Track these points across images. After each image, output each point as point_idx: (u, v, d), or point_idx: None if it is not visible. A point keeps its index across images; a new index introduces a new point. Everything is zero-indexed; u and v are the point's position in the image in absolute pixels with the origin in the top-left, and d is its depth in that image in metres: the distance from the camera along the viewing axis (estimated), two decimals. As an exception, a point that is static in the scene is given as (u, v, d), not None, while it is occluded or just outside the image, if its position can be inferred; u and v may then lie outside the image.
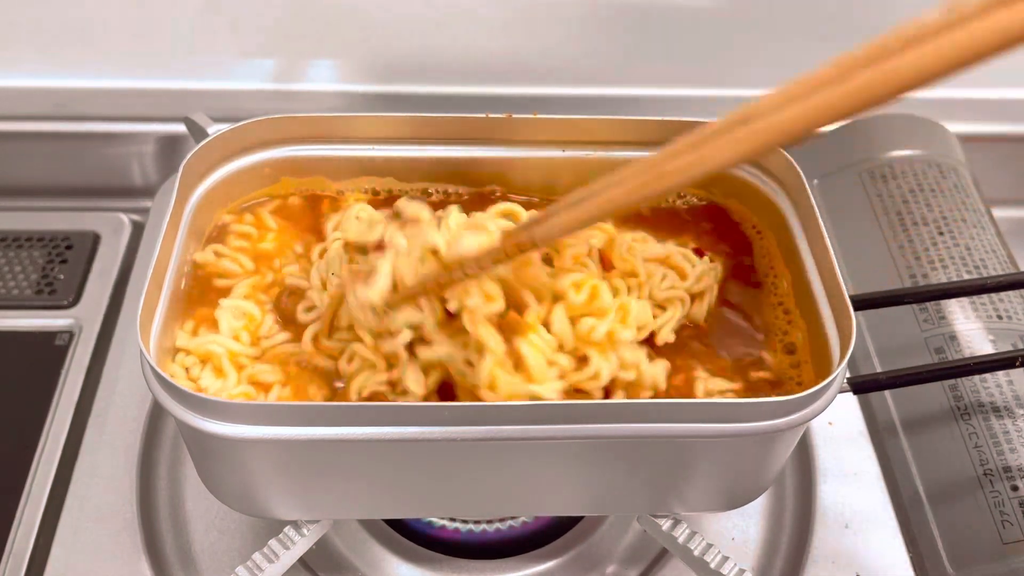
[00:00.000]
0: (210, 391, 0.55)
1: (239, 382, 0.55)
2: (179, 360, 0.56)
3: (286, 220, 0.65)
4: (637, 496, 0.58)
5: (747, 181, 0.66)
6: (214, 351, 0.56)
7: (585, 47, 0.93)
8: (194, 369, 0.56)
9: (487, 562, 0.67)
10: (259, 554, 0.58)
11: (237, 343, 0.57)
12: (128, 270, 0.84)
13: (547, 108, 0.68)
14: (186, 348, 0.56)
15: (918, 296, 0.70)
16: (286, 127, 0.65)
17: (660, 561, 0.67)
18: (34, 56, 0.92)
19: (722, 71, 0.95)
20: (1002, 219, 0.87)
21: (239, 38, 0.91)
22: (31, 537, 0.66)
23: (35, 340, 0.79)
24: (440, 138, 0.66)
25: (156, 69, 0.93)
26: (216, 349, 0.56)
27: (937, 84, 0.36)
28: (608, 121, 0.65)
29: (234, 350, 0.56)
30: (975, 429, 0.69)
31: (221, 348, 0.56)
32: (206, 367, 0.56)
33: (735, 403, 0.51)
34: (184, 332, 0.57)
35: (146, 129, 0.94)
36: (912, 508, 0.69)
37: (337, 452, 0.52)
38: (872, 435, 0.74)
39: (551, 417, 0.50)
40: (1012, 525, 0.64)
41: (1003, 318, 0.75)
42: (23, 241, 0.86)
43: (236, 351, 0.56)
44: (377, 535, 0.68)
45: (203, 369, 0.56)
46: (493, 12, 0.89)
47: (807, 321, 0.59)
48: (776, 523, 0.70)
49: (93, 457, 0.70)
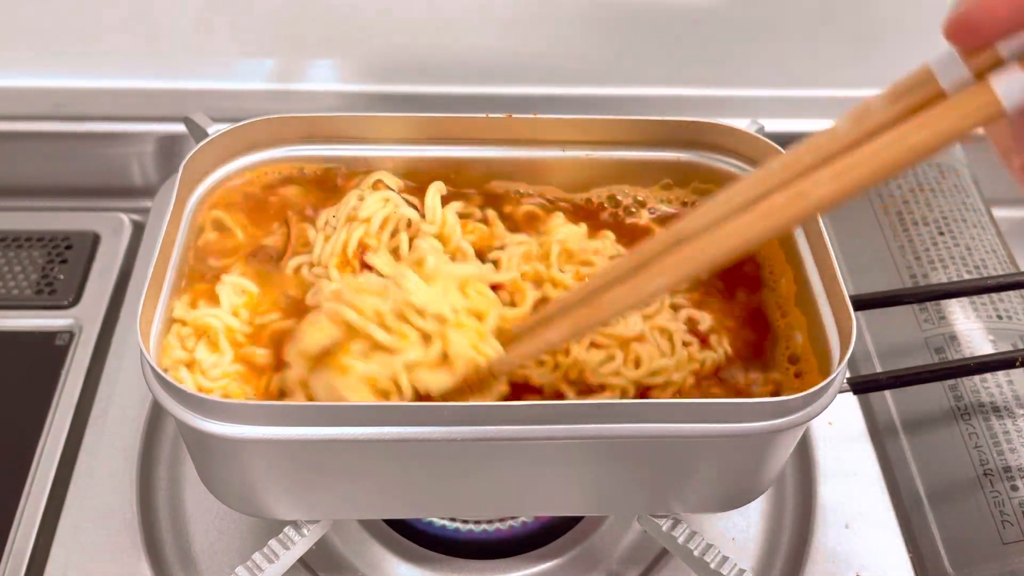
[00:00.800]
0: (204, 364, 0.55)
1: (234, 360, 0.55)
2: (175, 331, 0.56)
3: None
4: (637, 496, 0.58)
5: (747, 181, 0.66)
6: (212, 324, 0.56)
7: (585, 47, 0.93)
8: (189, 341, 0.56)
9: (487, 562, 0.67)
10: (259, 554, 0.58)
11: (235, 319, 0.57)
12: (128, 270, 0.84)
13: (547, 108, 0.68)
14: (182, 319, 0.56)
15: (918, 296, 0.70)
16: (286, 127, 0.65)
17: (660, 561, 0.67)
18: (34, 56, 0.92)
19: (722, 71, 0.95)
20: (1002, 219, 0.87)
21: (239, 38, 0.91)
22: (31, 537, 0.66)
23: (35, 340, 0.79)
24: (440, 138, 0.66)
25: (156, 69, 0.93)
26: (214, 323, 0.56)
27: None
28: (608, 121, 0.65)
29: (232, 326, 0.56)
30: (975, 429, 0.69)
31: (219, 323, 0.56)
32: (201, 340, 0.56)
33: (735, 403, 0.51)
34: (182, 304, 0.57)
35: (146, 129, 0.94)
36: (912, 508, 0.69)
37: (337, 452, 0.52)
38: (872, 435, 0.74)
39: (551, 417, 0.50)
40: (1012, 525, 0.64)
41: (1003, 318, 0.75)
42: (23, 241, 0.86)
43: (234, 327, 0.56)
44: (377, 535, 0.68)
45: (198, 342, 0.56)
46: (493, 12, 0.89)
47: (807, 321, 0.59)
48: (776, 523, 0.70)
49: (93, 457, 0.70)
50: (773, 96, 0.96)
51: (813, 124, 0.98)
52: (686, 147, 0.67)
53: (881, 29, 0.91)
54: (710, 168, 0.67)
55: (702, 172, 0.67)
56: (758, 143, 0.64)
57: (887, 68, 0.88)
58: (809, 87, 0.96)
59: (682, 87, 0.96)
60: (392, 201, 0.62)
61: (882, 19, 0.91)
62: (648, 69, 0.95)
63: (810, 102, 0.96)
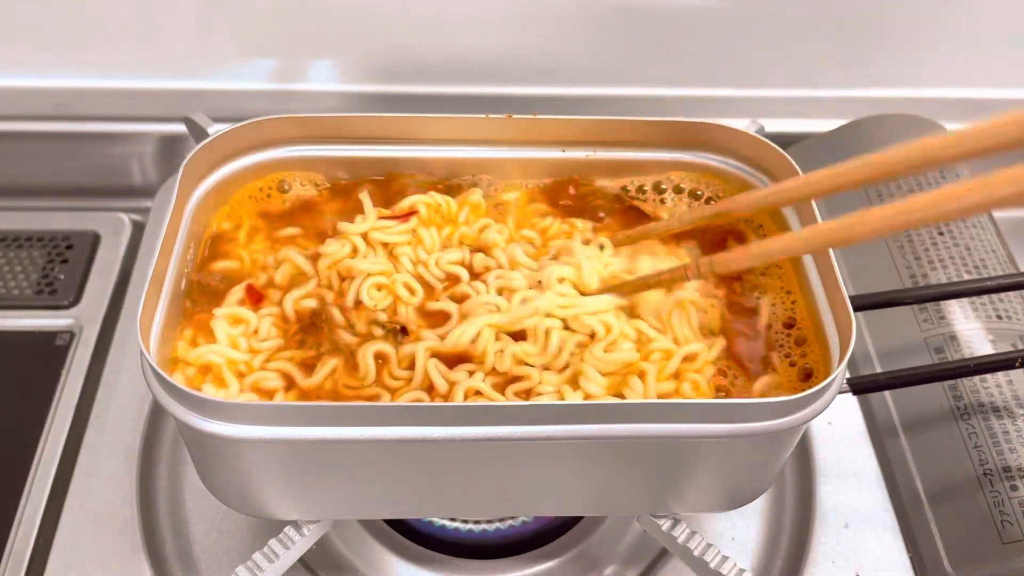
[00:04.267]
0: None
1: (241, 390, 0.55)
2: (180, 371, 0.56)
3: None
4: (637, 496, 0.58)
5: (747, 181, 0.66)
6: (213, 361, 0.56)
7: (585, 47, 0.93)
8: (195, 380, 0.56)
9: (487, 562, 0.67)
10: (259, 554, 0.58)
11: (235, 351, 0.57)
12: (128, 270, 0.84)
13: (547, 108, 0.68)
14: (185, 359, 0.56)
15: (918, 296, 0.70)
16: (286, 127, 0.65)
17: (660, 561, 0.67)
18: (34, 56, 0.92)
19: (722, 71, 0.95)
20: (1002, 219, 0.87)
21: (239, 38, 0.91)
22: (31, 537, 0.66)
23: (35, 340, 0.79)
24: (440, 138, 0.66)
25: (156, 69, 0.93)
26: (215, 359, 0.56)
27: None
28: (607, 121, 0.65)
29: (233, 358, 0.56)
30: (975, 429, 0.69)
31: (220, 358, 0.56)
32: (207, 378, 0.56)
33: (735, 403, 0.51)
34: (184, 342, 0.57)
35: (146, 129, 0.94)
36: (912, 508, 0.69)
37: (337, 452, 0.52)
38: (872, 435, 0.74)
39: (551, 417, 0.50)
40: (1012, 525, 0.64)
41: (1003, 318, 0.75)
42: (23, 241, 0.86)
43: (235, 359, 0.56)
44: (377, 535, 0.68)
45: (204, 380, 0.56)
46: (493, 12, 0.89)
47: (807, 321, 0.59)
48: (776, 523, 0.70)
49: (93, 457, 0.70)
50: (773, 96, 0.96)
51: (813, 124, 0.99)
52: (686, 147, 0.67)
53: (881, 29, 0.91)
54: (710, 168, 0.67)
55: (702, 172, 0.67)
56: (758, 143, 0.64)
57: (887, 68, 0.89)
58: (809, 87, 0.96)
59: (682, 87, 0.96)
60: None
61: (882, 19, 0.91)
62: (648, 69, 0.95)
63: (810, 102, 0.96)
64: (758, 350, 0.59)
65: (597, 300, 0.58)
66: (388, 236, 0.62)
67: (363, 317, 0.58)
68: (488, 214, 0.66)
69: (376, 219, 0.62)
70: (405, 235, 0.62)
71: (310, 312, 0.59)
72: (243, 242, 0.63)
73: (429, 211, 0.64)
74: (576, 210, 0.66)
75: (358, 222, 0.62)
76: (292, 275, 0.61)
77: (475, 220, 0.65)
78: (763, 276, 0.62)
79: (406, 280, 0.60)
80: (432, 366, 0.56)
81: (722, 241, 0.65)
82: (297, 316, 0.59)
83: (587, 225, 0.65)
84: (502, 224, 0.65)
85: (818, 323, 0.57)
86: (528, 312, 0.57)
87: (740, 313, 0.61)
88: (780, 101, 0.96)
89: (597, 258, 0.61)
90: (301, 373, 0.56)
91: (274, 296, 0.60)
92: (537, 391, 0.55)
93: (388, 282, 0.60)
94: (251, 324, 0.58)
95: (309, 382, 0.56)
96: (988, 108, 0.98)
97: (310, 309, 0.59)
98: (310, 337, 0.58)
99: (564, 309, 0.57)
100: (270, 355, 0.57)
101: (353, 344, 0.57)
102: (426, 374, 0.55)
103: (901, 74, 0.96)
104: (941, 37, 0.93)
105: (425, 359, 0.56)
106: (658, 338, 0.57)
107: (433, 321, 0.59)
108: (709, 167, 0.67)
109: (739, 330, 0.60)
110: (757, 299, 0.61)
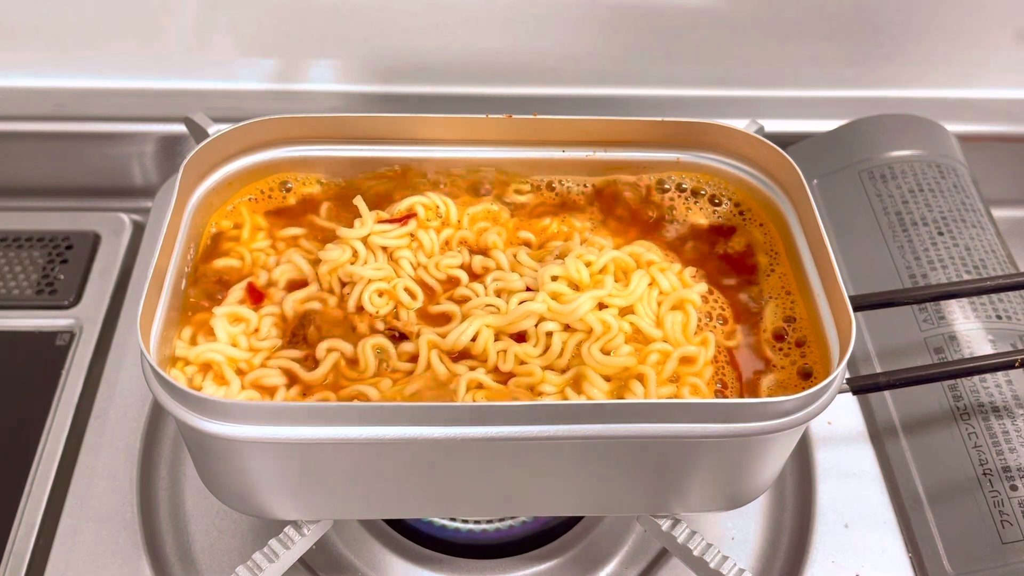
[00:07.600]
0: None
1: (242, 387, 0.55)
2: (180, 369, 0.56)
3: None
4: (637, 496, 0.58)
5: (747, 181, 0.66)
6: (214, 359, 0.56)
7: (585, 47, 0.93)
8: (196, 378, 0.56)
9: (487, 562, 0.67)
10: (259, 554, 0.58)
11: (236, 349, 0.57)
12: (128, 270, 0.84)
13: (547, 108, 0.68)
14: (185, 357, 0.56)
15: (918, 296, 0.70)
16: (286, 127, 0.65)
17: (660, 561, 0.68)
18: (34, 56, 0.92)
19: (722, 72, 0.95)
20: (1002, 219, 0.87)
21: (239, 38, 0.91)
22: (31, 537, 0.66)
23: (35, 340, 0.79)
24: (440, 138, 0.66)
25: (156, 69, 0.93)
26: (215, 357, 0.56)
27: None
28: (608, 121, 0.65)
29: (233, 356, 0.56)
30: (975, 429, 0.69)
31: (220, 356, 0.56)
32: (208, 375, 0.56)
33: (735, 403, 0.51)
34: (183, 341, 0.57)
35: (146, 129, 0.94)
36: (912, 508, 0.69)
37: (337, 452, 0.52)
38: (872, 435, 0.74)
39: (551, 417, 0.50)
40: (1012, 525, 0.64)
41: (1003, 318, 0.75)
42: (23, 241, 0.86)
43: (235, 356, 0.56)
44: (377, 535, 0.68)
45: (205, 378, 0.56)
46: (493, 12, 0.89)
47: (807, 321, 0.59)
48: (776, 523, 0.70)
49: (93, 457, 0.70)
50: (773, 96, 0.96)
51: (813, 124, 0.99)
52: (686, 147, 0.67)
53: (881, 30, 0.92)
54: (710, 168, 0.67)
55: (702, 172, 0.67)
56: (758, 143, 0.64)
57: (887, 68, 0.89)
58: (809, 87, 0.96)
59: (682, 87, 0.97)
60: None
61: (882, 19, 0.91)
62: (648, 69, 0.95)
63: (810, 102, 0.96)
64: (758, 350, 0.59)
65: (591, 298, 0.58)
66: (388, 240, 0.62)
67: (365, 323, 0.59)
68: (488, 215, 0.66)
69: (375, 223, 0.62)
70: (404, 238, 0.63)
71: (302, 314, 0.59)
72: (244, 240, 0.63)
73: (427, 212, 0.64)
74: (576, 210, 0.66)
75: (357, 226, 0.62)
76: (292, 277, 0.61)
77: (474, 223, 0.65)
78: (766, 276, 0.62)
79: (407, 285, 0.60)
80: (435, 356, 0.56)
81: (737, 266, 0.64)
82: (296, 318, 0.59)
83: (586, 225, 0.65)
84: (501, 227, 0.65)
85: (818, 323, 0.57)
86: (522, 313, 0.57)
87: (740, 313, 0.61)
88: (780, 101, 0.96)
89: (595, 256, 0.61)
90: (303, 368, 0.56)
91: (275, 295, 0.60)
92: (539, 389, 0.55)
93: (389, 287, 0.60)
94: (251, 323, 0.58)
95: (311, 376, 0.56)
96: (988, 108, 0.98)
97: (304, 311, 0.59)
98: (301, 335, 0.58)
99: (556, 312, 0.57)
100: (270, 354, 0.57)
101: (352, 339, 0.58)
102: (429, 363, 0.56)
103: (901, 74, 0.96)
104: (941, 37, 0.93)
105: (428, 350, 0.56)
106: (656, 337, 0.57)
107: (435, 324, 0.59)
108: (709, 167, 0.67)
109: (739, 330, 0.60)
110: (757, 299, 0.61)
